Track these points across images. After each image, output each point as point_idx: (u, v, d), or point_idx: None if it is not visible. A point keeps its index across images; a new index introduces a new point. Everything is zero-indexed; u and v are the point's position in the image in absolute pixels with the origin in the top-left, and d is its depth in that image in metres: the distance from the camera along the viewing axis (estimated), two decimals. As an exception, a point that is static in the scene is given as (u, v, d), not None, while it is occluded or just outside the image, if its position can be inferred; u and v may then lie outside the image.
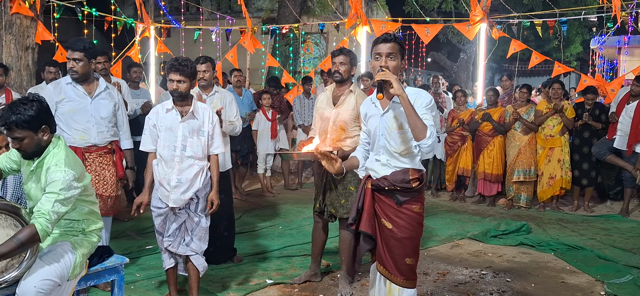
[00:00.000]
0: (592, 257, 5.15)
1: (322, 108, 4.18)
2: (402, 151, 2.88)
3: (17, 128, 2.78)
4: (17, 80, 6.47)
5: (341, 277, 4.25)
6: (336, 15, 13.51)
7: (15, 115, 2.76)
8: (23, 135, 2.79)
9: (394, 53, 2.86)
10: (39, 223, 2.67)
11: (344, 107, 4.05)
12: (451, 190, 8.08)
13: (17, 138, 2.80)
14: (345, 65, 4.04)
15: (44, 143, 2.87)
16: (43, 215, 2.69)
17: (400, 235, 2.89)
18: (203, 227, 3.72)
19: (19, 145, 2.83)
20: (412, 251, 2.93)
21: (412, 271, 2.94)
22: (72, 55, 3.97)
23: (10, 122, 2.77)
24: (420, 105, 2.80)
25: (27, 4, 6.48)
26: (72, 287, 2.92)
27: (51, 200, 2.73)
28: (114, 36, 9.79)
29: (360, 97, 4.03)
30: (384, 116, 2.93)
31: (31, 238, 2.65)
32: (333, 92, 4.17)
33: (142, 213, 3.68)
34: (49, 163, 2.85)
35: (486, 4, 8.45)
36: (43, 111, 2.84)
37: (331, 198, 4.13)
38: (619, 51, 11.02)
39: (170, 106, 3.67)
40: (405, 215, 2.89)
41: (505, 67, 19.92)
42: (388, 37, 2.90)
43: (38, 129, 2.82)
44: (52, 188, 2.75)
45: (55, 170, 2.79)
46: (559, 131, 7.18)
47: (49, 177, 2.79)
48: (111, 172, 4.18)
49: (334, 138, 4.03)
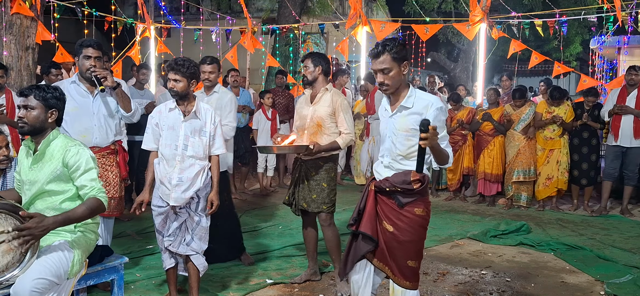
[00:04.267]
0: (591, 257, 5.15)
1: (301, 108, 4.33)
2: (407, 154, 2.89)
3: (33, 98, 2.94)
4: (17, 80, 6.47)
5: (336, 276, 4.28)
6: (336, 15, 13.52)
7: (39, 88, 2.98)
8: (35, 105, 2.94)
9: (388, 66, 2.84)
10: (100, 196, 2.91)
11: (320, 105, 4.17)
12: (454, 190, 8.09)
13: (29, 106, 2.95)
14: (308, 68, 4.22)
15: (46, 125, 3.00)
16: (99, 190, 2.93)
17: (401, 238, 2.87)
18: (203, 227, 3.73)
19: (25, 115, 2.96)
20: (415, 254, 2.92)
21: (415, 273, 2.93)
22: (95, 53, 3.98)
23: (32, 88, 2.98)
24: (438, 122, 2.78)
25: (27, 4, 6.47)
26: (71, 286, 2.92)
27: (94, 177, 2.96)
28: (114, 36, 9.79)
29: (335, 95, 4.19)
30: (392, 118, 2.95)
31: (98, 207, 2.90)
32: (311, 92, 4.33)
33: (142, 213, 3.68)
34: (59, 150, 2.97)
35: (486, 4, 8.45)
36: (60, 99, 3.05)
37: (303, 192, 4.21)
38: (619, 51, 11.01)
39: (173, 105, 3.69)
40: (406, 218, 2.87)
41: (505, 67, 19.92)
42: (378, 50, 2.87)
43: (50, 107, 2.98)
44: (86, 167, 2.95)
45: (76, 152, 2.97)
46: (559, 134, 7.20)
47: (72, 161, 2.95)
48: (114, 173, 4.16)
49: (311, 135, 4.15)
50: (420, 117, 2.76)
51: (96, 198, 2.89)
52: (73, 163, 2.94)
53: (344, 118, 4.12)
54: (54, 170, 2.94)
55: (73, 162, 2.94)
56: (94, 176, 2.96)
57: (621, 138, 6.87)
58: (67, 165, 2.95)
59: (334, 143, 4.13)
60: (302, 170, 4.22)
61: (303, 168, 4.21)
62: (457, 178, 8.00)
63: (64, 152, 2.96)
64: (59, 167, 2.95)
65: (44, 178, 2.95)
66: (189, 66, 3.62)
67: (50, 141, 2.99)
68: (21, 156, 3.11)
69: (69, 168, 2.95)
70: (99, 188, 2.94)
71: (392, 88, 2.89)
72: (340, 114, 4.11)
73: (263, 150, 4.14)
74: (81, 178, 2.94)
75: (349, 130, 4.14)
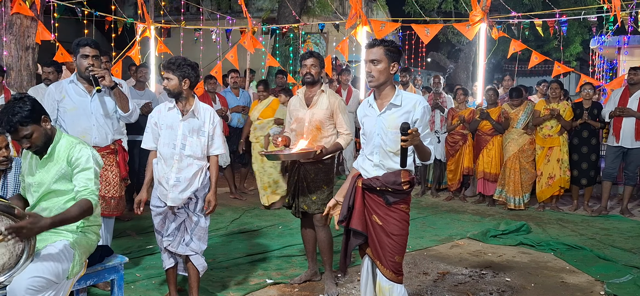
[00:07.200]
0: (591, 257, 5.15)
1: (296, 111, 4.24)
2: (397, 150, 2.94)
3: (22, 127, 2.86)
4: (17, 80, 6.47)
5: (325, 277, 4.30)
6: (336, 15, 13.51)
7: (16, 115, 2.83)
8: (30, 130, 2.89)
9: (378, 58, 2.95)
10: (91, 198, 2.87)
11: (317, 107, 4.13)
12: (454, 190, 8.09)
13: (26, 136, 2.88)
14: (315, 67, 4.14)
15: (50, 133, 2.99)
16: (91, 192, 2.90)
17: (390, 232, 3.01)
18: (202, 227, 3.72)
19: (29, 143, 2.91)
20: (401, 249, 3.06)
21: (399, 267, 3.06)
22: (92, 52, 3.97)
23: (14, 122, 2.84)
24: (421, 124, 2.94)
25: (27, 3, 6.47)
26: (70, 286, 2.91)
27: (91, 177, 2.93)
28: (114, 36, 9.78)
29: (332, 96, 4.16)
30: (380, 116, 3.03)
31: (87, 210, 2.84)
32: (305, 93, 4.24)
33: (142, 213, 3.68)
34: (64, 150, 2.98)
35: (486, 4, 8.44)
36: (36, 103, 2.94)
37: (303, 195, 4.20)
38: (619, 51, 11.01)
39: (172, 105, 3.69)
40: (394, 213, 3.02)
41: (505, 67, 19.92)
42: (373, 42, 2.99)
43: (40, 119, 2.93)
44: (85, 165, 2.94)
45: (79, 150, 2.97)
46: (557, 131, 7.19)
47: (74, 158, 2.95)
48: (114, 173, 4.16)
49: (310, 139, 4.12)
50: (409, 115, 2.92)
51: (87, 199, 2.86)
52: (74, 160, 2.96)
53: (343, 119, 4.12)
54: (59, 169, 2.98)
55: (75, 159, 2.96)
56: (90, 176, 2.95)
57: (622, 139, 6.88)
58: (70, 162, 2.97)
59: (337, 145, 4.12)
60: (300, 172, 4.20)
61: (301, 171, 4.18)
62: (457, 178, 8.00)
63: (68, 150, 2.99)
64: (64, 166, 2.98)
65: (51, 178, 2.97)
66: (180, 65, 3.58)
67: (56, 142, 3.02)
68: (26, 158, 3.12)
69: (71, 166, 2.97)
70: (91, 190, 2.91)
71: (376, 81, 2.98)
72: (338, 115, 4.11)
73: (271, 157, 4.07)
74: (77, 176, 2.95)
75: (349, 131, 4.14)
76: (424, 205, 7.69)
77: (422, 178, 8.53)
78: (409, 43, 12.33)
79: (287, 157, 4.05)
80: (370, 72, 2.97)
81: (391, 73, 2.99)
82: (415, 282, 4.47)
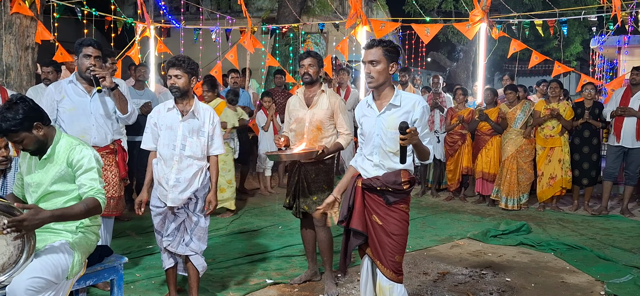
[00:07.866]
0: (592, 257, 5.15)
1: (296, 111, 4.22)
2: (397, 150, 2.94)
3: (11, 134, 2.85)
4: (17, 80, 6.46)
5: (325, 277, 4.29)
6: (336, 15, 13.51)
7: (5, 123, 2.82)
8: (20, 137, 2.87)
9: (377, 59, 2.95)
10: (98, 197, 2.89)
11: (318, 107, 4.12)
12: (454, 190, 8.09)
13: (16, 141, 2.89)
14: (314, 66, 4.12)
15: (43, 137, 2.94)
16: (98, 191, 2.92)
17: (390, 232, 3.01)
18: (202, 227, 3.72)
19: (21, 146, 2.92)
20: (401, 249, 3.05)
21: (399, 267, 3.06)
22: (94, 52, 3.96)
23: (3, 129, 2.84)
24: (421, 123, 2.95)
25: (27, 3, 6.46)
26: (69, 286, 2.91)
27: (95, 177, 2.95)
28: (114, 36, 9.77)
29: (332, 96, 4.15)
30: (380, 116, 3.03)
31: (94, 208, 2.87)
32: (304, 93, 4.22)
33: (142, 213, 3.68)
34: (64, 151, 2.97)
35: (486, 3, 8.43)
36: (30, 109, 2.87)
37: (303, 195, 4.19)
38: (619, 51, 11.01)
39: (172, 105, 3.68)
40: (395, 213, 3.02)
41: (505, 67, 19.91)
42: (372, 43, 2.99)
43: (31, 127, 2.88)
44: (88, 166, 2.96)
45: (79, 151, 2.98)
46: (558, 131, 7.18)
47: (76, 159, 2.95)
48: (114, 173, 4.16)
49: (311, 139, 4.10)
50: (408, 115, 2.92)
51: (94, 198, 2.88)
52: (76, 162, 2.96)
53: (343, 118, 4.12)
54: (59, 170, 2.97)
55: (76, 161, 2.96)
56: (94, 176, 2.96)
57: (623, 139, 6.88)
58: (70, 164, 2.96)
59: (338, 145, 4.12)
60: (300, 172, 4.18)
61: (302, 171, 4.17)
62: (457, 178, 8.00)
63: (68, 151, 2.98)
64: (63, 167, 2.97)
65: (50, 179, 2.96)
66: (189, 62, 3.62)
67: (56, 143, 3.01)
68: (25, 157, 3.11)
69: (72, 167, 2.96)
70: (98, 189, 2.93)
71: (376, 82, 2.98)
72: (339, 115, 4.11)
73: (273, 157, 4.05)
74: (81, 177, 2.95)
75: (349, 130, 4.14)
76: (424, 205, 7.69)
77: (422, 178, 8.53)
78: (408, 43, 12.33)
79: (289, 157, 4.04)
80: (369, 73, 2.97)
81: (390, 73, 2.99)
82: (415, 282, 4.47)
